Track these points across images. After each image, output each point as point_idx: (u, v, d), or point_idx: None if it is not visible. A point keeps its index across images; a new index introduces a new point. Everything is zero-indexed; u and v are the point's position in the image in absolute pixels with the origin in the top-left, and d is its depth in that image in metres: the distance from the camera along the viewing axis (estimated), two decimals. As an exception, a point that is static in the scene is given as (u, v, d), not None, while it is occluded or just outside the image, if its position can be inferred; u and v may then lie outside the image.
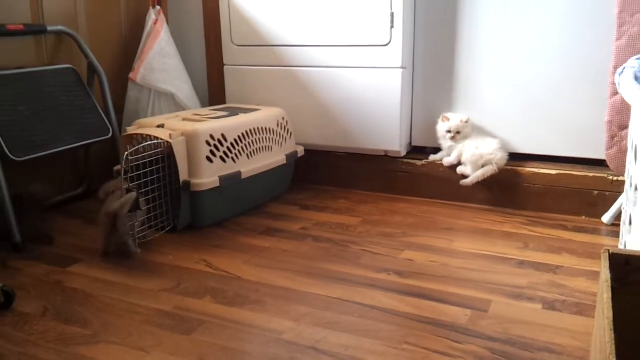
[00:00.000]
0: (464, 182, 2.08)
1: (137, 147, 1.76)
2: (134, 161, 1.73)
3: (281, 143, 2.15)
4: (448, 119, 2.09)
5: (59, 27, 2.04)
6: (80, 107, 2.02)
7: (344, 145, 2.27)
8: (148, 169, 1.76)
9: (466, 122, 2.06)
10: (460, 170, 2.08)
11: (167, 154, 1.84)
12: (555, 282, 1.51)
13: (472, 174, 2.04)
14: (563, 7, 1.93)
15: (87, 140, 1.99)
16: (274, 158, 2.10)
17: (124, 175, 1.67)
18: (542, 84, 2.02)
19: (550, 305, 1.39)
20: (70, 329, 1.32)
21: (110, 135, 2.07)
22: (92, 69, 2.13)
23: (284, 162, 2.14)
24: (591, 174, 1.94)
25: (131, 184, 1.68)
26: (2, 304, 1.41)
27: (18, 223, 1.78)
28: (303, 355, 1.20)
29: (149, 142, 1.81)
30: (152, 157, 1.80)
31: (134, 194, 1.67)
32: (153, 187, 1.78)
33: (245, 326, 1.32)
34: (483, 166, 2.03)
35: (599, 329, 0.89)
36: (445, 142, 2.12)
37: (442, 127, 2.11)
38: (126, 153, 1.68)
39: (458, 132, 2.07)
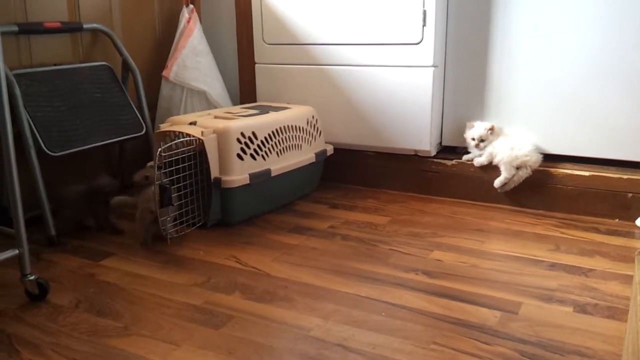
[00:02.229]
0: (501, 189, 2.06)
1: (170, 144, 1.78)
2: (166, 157, 1.75)
3: (311, 141, 2.15)
4: (473, 126, 2.08)
5: (95, 25, 2.08)
6: (115, 103, 2.06)
7: (374, 144, 2.26)
8: (180, 166, 1.78)
9: (490, 129, 2.05)
10: (498, 182, 2.05)
11: (198, 151, 1.86)
12: (587, 285, 1.49)
13: (507, 175, 2.02)
14: (598, 6, 1.89)
15: (121, 136, 2.02)
16: (303, 156, 2.11)
17: (157, 171, 1.70)
18: (575, 85, 1.99)
19: (581, 308, 1.37)
20: (103, 321, 1.34)
21: (143, 132, 2.10)
22: (126, 66, 2.16)
23: (313, 160, 2.15)
24: (625, 176, 1.91)
25: (164, 180, 1.71)
26: (37, 296, 1.44)
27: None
28: (330, 352, 1.21)
29: (182, 139, 1.84)
30: (184, 153, 1.82)
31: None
32: (185, 183, 1.81)
33: (273, 322, 1.33)
34: (518, 167, 2.00)
35: (632, 332, 0.88)
36: (472, 149, 2.12)
37: (467, 135, 2.11)
38: (159, 149, 1.71)
39: (482, 140, 2.06)
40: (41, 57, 1.96)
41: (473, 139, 2.08)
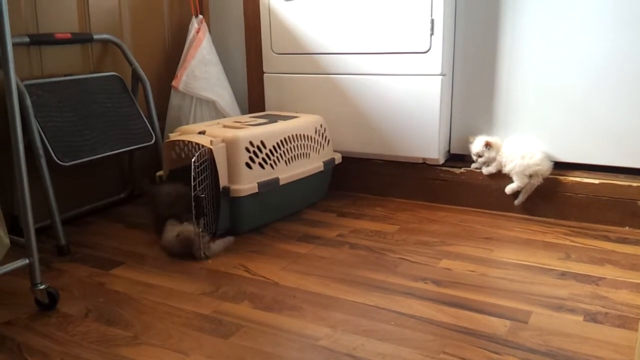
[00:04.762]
0: (517, 201, 2.05)
1: (200, 152, 1.77)
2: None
3: (319, 150, 2.16)
4: (472, 142, 2.10)
5: (105, 36, 2.10)
6: (125, 113, 2.07)
7: (382, 152, 2.26)
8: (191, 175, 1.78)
9: (486, 145, 2.04)
10: (510, 189, 2.04)
11: (208, 159, 1.86)
12: (598, 294, 1.48)
13: (520, 184, 2.00)
14: (606, 14, 1.89)
15: (131, 146, 2.03)
16: (311, 165, 2.11)
17: (193, 182, 1.71)
18: (584, 92, 1.98)
19: (592, 317, 1.36)
20: (112, 330, 1.35)
21: (153, 141, 2.11)
22: (136, 76, 2.17)
23: (322, 169, 2.15)
24: (635, 184, 1.90)
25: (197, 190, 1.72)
26: (47, 305, 1.45)
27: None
28: (339, 362, 1.21)
29: (202, 149, 1.84)
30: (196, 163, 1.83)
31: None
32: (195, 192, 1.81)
33: (282, 331, 1.33)
34: (530, 175, 1.99)
35: (643, 342, 0.87)
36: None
37: (470, 149, 2.12)
38: (193, 159, 1.71)
39: (480, 156, 2.07)
40: (52, 67, 1.98)
41: (475, 155, 2.09)
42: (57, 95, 1.90)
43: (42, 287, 1.43)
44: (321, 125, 2.17)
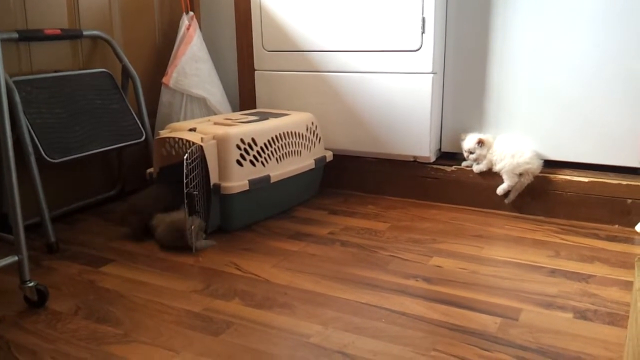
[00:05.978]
0: (507, 199, 2.06)
1: (191, 150, 1.77)
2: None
3: (310, 148, 2.15)
4: (464, 138, 2.11)
5: (95, 32, 2.09)
6: (115, 110, 2.06)
7: (373, 150, 2.26)
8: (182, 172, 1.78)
9: (478, 142, 2.05)
10: (501, 189, 2.05)
11: (199, 157, 1.85)
12: (587, 291, 1.48)
13: (510, 183, 2.01)
14: (599, 14, 1.90)
15: (121, 143, 2.02)
16: (302, 162, 2.11)
17: (185, 179, 1.71)
18: (575, 91, 1.99)
19: (581, 315, 1.37)
20: (102, 328, 1.34)
21: (143, 138, 2.10)
22: (126, 73, 2.16)
23: (313, 166, 2.15)
24: (624, 182, 1.91)
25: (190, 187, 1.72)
26: (36, 302, 1.44)
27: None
28: (330, 359, 1.20)
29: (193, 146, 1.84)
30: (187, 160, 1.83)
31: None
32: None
33: (273, 329, 1.33)
34: (520, 174, 2.00)
35: (632, 339, 0.88)
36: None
37: (462, 145, 2.13)
38: (185, 156, 1.71)
39: (471, 153, 2.08)
40: (41, 64, 1.96)
41: (466, 152, 2.10)
42: (46, 92, 1.89)
43: (32, 284, 1.42)
44: (312, 123, 2.17)
